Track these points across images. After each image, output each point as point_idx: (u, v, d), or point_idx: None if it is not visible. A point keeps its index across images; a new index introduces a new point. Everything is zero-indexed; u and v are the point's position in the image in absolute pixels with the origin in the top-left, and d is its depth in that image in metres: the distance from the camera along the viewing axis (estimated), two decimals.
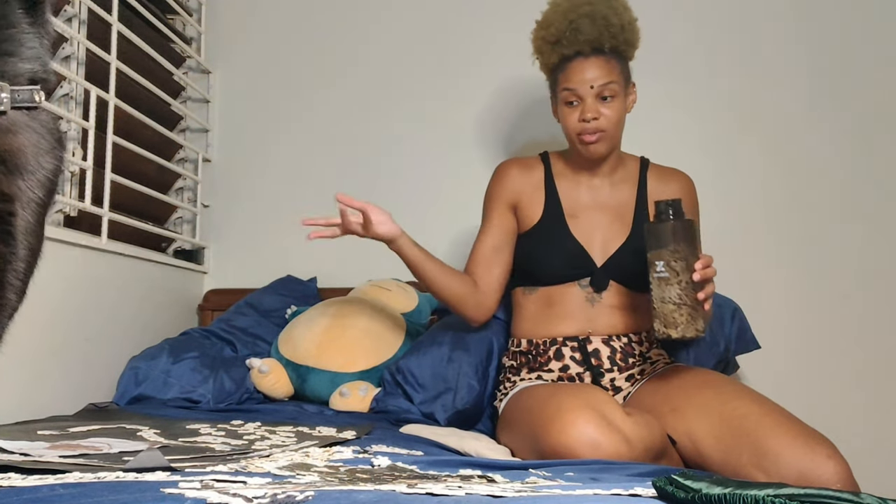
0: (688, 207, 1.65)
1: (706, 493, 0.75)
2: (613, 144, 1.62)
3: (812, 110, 2.23)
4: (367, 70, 2.40)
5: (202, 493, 0.76)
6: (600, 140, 1.58)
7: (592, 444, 1.24)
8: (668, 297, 1.38)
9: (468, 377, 1.74)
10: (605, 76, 1.55)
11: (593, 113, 1.55)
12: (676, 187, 1.67)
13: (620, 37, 1.57)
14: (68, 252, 1.71)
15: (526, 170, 1.71)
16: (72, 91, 1.79)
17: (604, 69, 1.55)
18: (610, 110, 1.56)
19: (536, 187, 1.69)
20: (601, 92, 1.55)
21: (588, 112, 1.55)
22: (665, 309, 1.39)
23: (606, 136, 1.58)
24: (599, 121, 1.55)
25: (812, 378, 2.13)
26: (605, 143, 1.59)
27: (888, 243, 2.17)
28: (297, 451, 1.14)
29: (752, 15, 2.27)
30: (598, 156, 1.61)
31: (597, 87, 1.55)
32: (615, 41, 1.56)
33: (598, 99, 1.56)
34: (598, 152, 1.60)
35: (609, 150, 1.62)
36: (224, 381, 1.82)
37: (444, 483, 0.88)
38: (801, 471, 1.24)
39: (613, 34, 1.55)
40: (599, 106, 1.56)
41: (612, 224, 1.65)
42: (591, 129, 1.56)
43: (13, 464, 0.93)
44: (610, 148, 1.62)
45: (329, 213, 2.35)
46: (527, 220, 1.68)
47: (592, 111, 1.55)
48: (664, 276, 1.38)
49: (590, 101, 1.56)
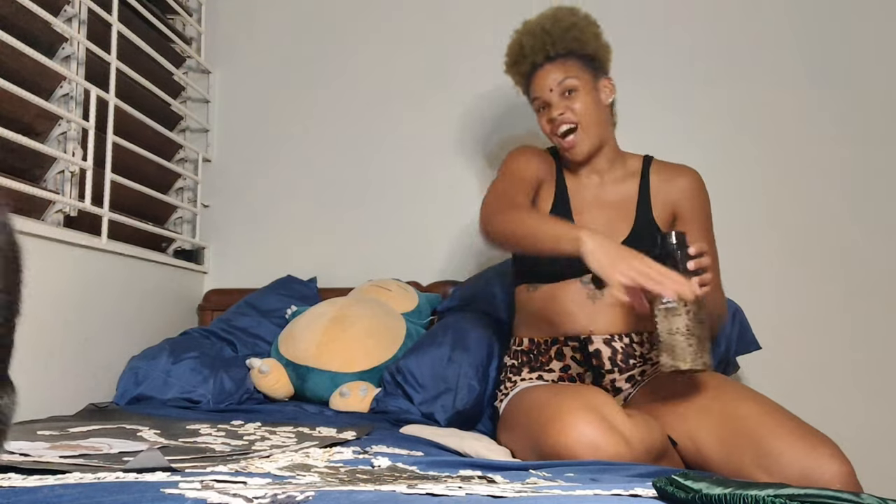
0: (697, 202, 1.66)
1: (707, 494, 0.75)
2: (595, 139, 1.63)
3: (812, 111, 2.23)
4: (367, 70, 2.40)
5: (202, 494, 0.75)
6: (577, 138, 1.61)
7: (592, 445, 1.23)
8: (676, 328, 1.36)
9: (468, 377, 1.74)
10: (561, 75, 1.61)
11: (558, 109, 1.60)
12: (682, 183, 1.66)
13: (566, 37, 1.62)
14: (68, 252, 1.71)
15: (543, 158, 1.72)
16: (72, 91, 1.79)
17: (559, 70, 1.62)
18: (576, 103, 1.60)
19: (549, 179, 1.70)
20: (562, 90, 1.61)
21: (554, 110, 1.61)
22: (673, 341, 1.36)
23: (581, 132, 1.61)
24: (566, 114, 1.60)
25: (813, 378, 2.13)
26: (584, 141, 1.61)
27: (888, 244, 2.17)
28: (298, 452, 1.14)
29: (753, 16, 2.27)
30: (581, 156, 1.63)
31: (556, 88, 1.61)
32: (562, 43, 1.62)
33: (562, 97, 1.61)
34: (581, 153, 1.62)
35: (593, 147, 1.63)
36: (224, 382, 1.82)
37: (445, 483, 0.88)
38: (804, 471, 1.24)
39: (554, 40, 1.62)
40: (564, 102, 1.61)
41: (613, 221, 1.64)
42: (559, 123, 1.61)
43: (13, 464, 0.93)
44: (593, 143, 1.63)
45: (328, 213, 2.36)
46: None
47: (557, 108, 1.61)
48: (672, 306, 1.36)
49: (554, 101, 1.62)
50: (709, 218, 1.67)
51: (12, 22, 1.59)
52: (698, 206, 1.66)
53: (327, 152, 2.40)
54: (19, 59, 1.59)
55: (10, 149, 1.58)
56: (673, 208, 1.66)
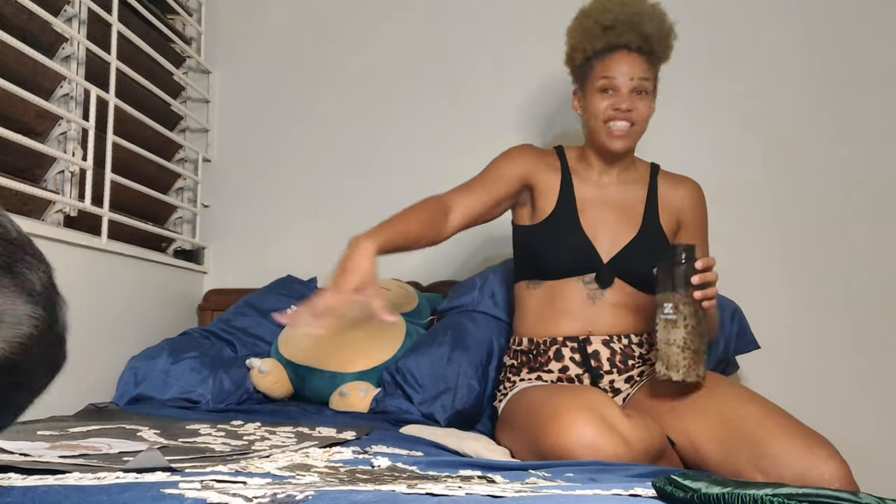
0: (699, 214, 1.69)
1: (705, 493, 0.75)
2: (635, 144, 1.65)
3: (813, 112, 2.23)
4: (368, 69, 2.40)
5: (202, 494, 0.76)
6: (628, 134, 1.60)
7: (591, 445, 1.24)
8: (674, 339, 1.39)
9: (468, 377, 1.74)
10: (645, 72, 1.60)
11: (628, 104, 1.58)
12: (685, 193, 1.69)
13: (665, 43, 1.62)
14: (68, 252, 1.71)
15: (543, 157, 1.72)
16: (72, 91, 1.79)
17: (644, 66, 1.60)
18: (642, 105, 1.60)
19: (553, 178, 1.68)
20: (638, 87, 1.59)
21: (623, 102, 1.58)
22: (669, 351, 1.39)
23: (632, 132, 1.61)
24: (632, 112, 1.59)
25: (812, 378, 2.13)
26: (630, 139, 1.62)
27: (889, 244, 2.17)
28: (297, 452, 1.14)
29: (756, 17, 2.27)
30: (620, 151, 1.62)
31: (636, 81, 1.59)
32: (661, 45, 1.61)
33: (633, 92, 1.59)
34: (622, 147, 1.61)
35: (629, 149, 1.64)
36: (224, 382, 1.82)
37: (444, 483, 0.89)
38: (801, 472, 1.24)
39: (661, 38, 1.61)
40: (633, 98, 1.59)
41: (620, 221, 1.65)
42: (621, 118, 1.58)
43: (13, 464, 0.93)
44: (631, 146, 1.64)
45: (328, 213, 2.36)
46: (540, 212, 1.67)
47: (627, 102, 1.58)
48: (672, 318, 1.39)
49: (625, 92, 1.58)
50: (706, 229, 1.71)
51: (12, 22, 1.59)
52: (699, 217, 1.69)
53: (327, 152, 2.40)
54: (19, 59, 1.59)
55: (10, 149, 1.58)
56: (678, 218, 1.68)
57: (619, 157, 1.66)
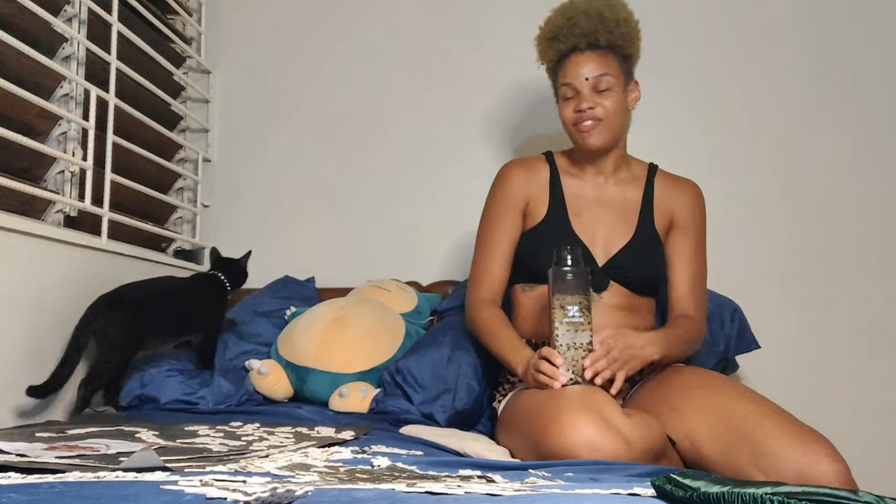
0: (696, 216, 1.67)
1: (705, 492, 0.75)
2: (612, 137, 1.62)
3: (812, 112, 2.23)
4: (368, 70, 2.40)
5: (201, 490, 0.76)
6: (596, 128, 1.59)
7: (591, 445, 1.23)
8: (580, 342, 1.39)
9: (468, 378, 1.73)
10: (600, 69, 1.58)
11: (588, 102, 1.58)
12: (684, 195, 1.68)
13: (616, 31, 1.59)
14: (68, 252, 1.71)
15: (531, 171, 1.70)
16: (72, 91, 1.79)
17: (599, 62, 1.58)
18: (606, 100, 1.58)
19: (542, 188, 1.68)
20: (596, 84, 1.58)
21: (584, 102, 1.58)
22: (576, 356, 1.39)
23: (603, 126, 1.59)
24: (595, 109, 1.58)
25: (811, 378, 2.13)
26: (602, 134, 1.59)
27: (888, 244, 2.17)
28: (296, 452, 1.14)
29: (756, 18, 2.27)
30: (594, 147, 1.61)
31: (592, 80, 1.58)
32: (610, 36, 1.59)
33: (593, 91, 1.58)
34: (595, 143, 1.60)
35: (606, 143, 1.61)
36: (223, 383, 1.82)
37: (444, 483, 0.89)
38: (800, 470, 1.24)
39: (609, 29, 1.58)
40: (595, 97, 1.58)
41: (616, 223, 1.64)
42: (586, 118, 1.58)
43: (10, 464, 0.93)
44: (608, 140, 1.61)
45: (328, 213, 2.36)
46: (532, 219, 1.68)
47: (588, 101, 1.58)
48: (578, 320, 1.39)
49: (585, 93, 1.58)
50: (703, 233, 1.69)
51: (12, 22, 1.59)
52: (695, 219, 1.67)
53: (327, 152, 2.40)
54: (19, 59, 1.59)
55: (11, 149, 1.58)
56: (671, 217, 1.67)
57: (602, 154, 1.64)
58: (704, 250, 1.68)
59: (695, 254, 1.66)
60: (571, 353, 1.39)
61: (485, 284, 1.67)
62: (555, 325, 1.39)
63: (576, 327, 1.39)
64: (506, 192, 1.69)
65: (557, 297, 1.39)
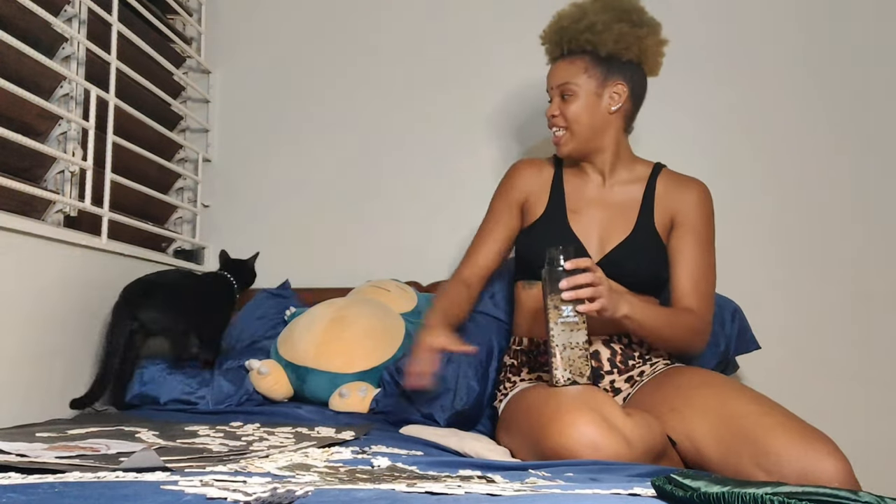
0: (700, 215, 1.65)
1: (705, 492, 0.75)
2: (581, 144, 1.65)
3: (816, 112, 2.23)
4: (368, 69, 2.40)
5: (202, 490, 0.76)
6: (564, 137, 1.65)
7: (592, 444, 1.23)
8: (576, 342, 1.38)
9: (468, 378, 1.73)
10: (564, 77, 1.64)
11: (552, 110, 1.66)
12: (687, 194, 1.66)
13: (581, 37, 1.62)
14: (68, 252, 1.71)
15: (537, 169, 1.76)
16: (72, 91, 1.79)
17: (567, 70, 1.64)
18: (568, 107, 1.63)
19: (544, 186, 1.73)
20: (562, 90, 1.64)
21: (549, 110, 1.67)
22: (573, 355, 1.38)
23: (570, 135, 1.65)
24: (556, 118, 1.65)
25: (812, 378, 2.13)
26: (570, 143, 1.65)
27: (887, 244, 2.17)
28: (296, 452, 1.14)
29: (753, 20, 2.27)
30: (564, 155, 1.68)
31: (556, 88, 1.65)
32: (576, 41, 1.63)
33: (559, 98, 1.65)
34: (563, 152, 1.68)
35: (576, 150, 1.66)
36: (223, 383, 1.82)
37: (444, 483, 0.89)
38: (802, 469, 1.24)
39: (573, 36, 1.63)
40: (560, 104, 1.65)
41: (613, 222, 1.65)
42: (551, 125, 1.67)
43: (10, 464, 0.93)
44: (577, 147, 1.65)
45: (328, 213, 2.36)
46: (531, 216, 1.72)
47: (552, 109, 1.66)
48: (573, 320, 1.38)
49: (554, 101, 1.66)
50: (709, 232, 1.65)
51: (12, 22, 1.59)
52: (699, 218, 1.64)
53: (327, 152, 2.40)
54: (19, 59, 1.59)
55: (11, 149, 1.58)
56: (672, 216, 1.65)
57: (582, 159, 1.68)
58: (711, 250, 1.65)
59: (698, 252, 1.62)
60: (568, 353, 1.39)
61: (468, 264, 1.76)
62: (550, 326, 1.39)
63: (571, 327, 1.39)
64: (509, 186, 1.77)
65: (552, 297, 1.39)
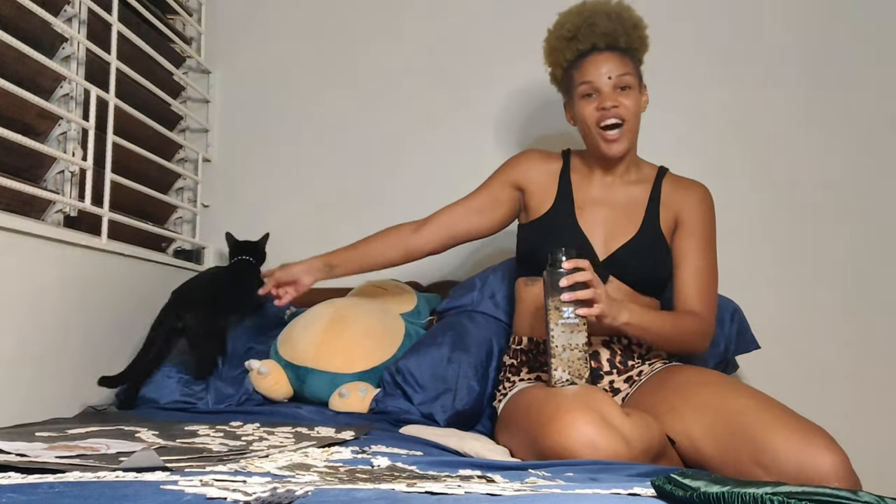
0: (702, 217, 1.65)
1: (704, 492, 0.75)
2: (632, 141, 1.64)
3: (809, 112, 2.23)
4: (368, 70, 2.40)
5: (202, 490, 0.76)
6: (621, 136, 1.59)
7: (591, 444, 1.23)
8: (576, 343, 1.39)
9: (468, 378, 1.74)
10: (622, 68, 1.59)
11: (612, 101, 1.57)
12: (690, 195, 1.66)
13: (633, 34, 1.62)
14: (68, 252, 1.71)
15: (546, 160, 1.74)
16: (72, 91, 1.79)
17: (619, 62, 1.59)
18: (627, 100, 1.58)
19: (551, 179, 1.70)
20: (618, 83, 1.58)
21: (607, 100, 1.57)
22: (572, 357, 1.39)
23: (626, 130, 1.60)
24: (619, 108, 1.58)
25: (811, 378, 2.13)
26: (625, 139, 1.60)
27: (885, 244, 2.17)
28: (296, 452, 1.14)
29: (750, 21, 2.27)
30: (617, 155, 1.62)
31: (614, 79, 1.58)
32: (628, 38, 1.62)
33: (615, 90, 1.58)
34: (619, 151, 1.61)
35: (628, 147, 1.63)
36: (223, 383, 1.82)
37: (444, 483, 0.89)
38: (800, 464, 1.24)
39: (627, 31, 1.61)
40: (618, 95, 1.58)
41: (620, 220, 1.64)
42: (609, 115, 1.58)
43: (10, 464, 0.93)
44: (629, 144, 1.62)
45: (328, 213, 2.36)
46: (536, 209, 1.69)
47: (611, 99, 1.57)
48: (573, 322, 1.38)
49: (608, 91, 1.58)
50: (711, 234, 1.66)
51: (12, 22, 1.59)
52: (701, 219, 1.64)
53: (327, 152, 2.40)
54: (19, 59, 1.59)
55: (10, 149, 1.58)
56: (676, 217, 1.65)
57: (618, 162, 1.65)
58: (713, 251, 1.65)
59: (701, 254, 1.63)
60: (567, 355, 1.39)
61: (435, 215, 1.77)
62: (550, 327, 1.39)
63: (571, 328, 1.39)
64: (514, 165, 1.76)
65: (552, 298, 1.39)
